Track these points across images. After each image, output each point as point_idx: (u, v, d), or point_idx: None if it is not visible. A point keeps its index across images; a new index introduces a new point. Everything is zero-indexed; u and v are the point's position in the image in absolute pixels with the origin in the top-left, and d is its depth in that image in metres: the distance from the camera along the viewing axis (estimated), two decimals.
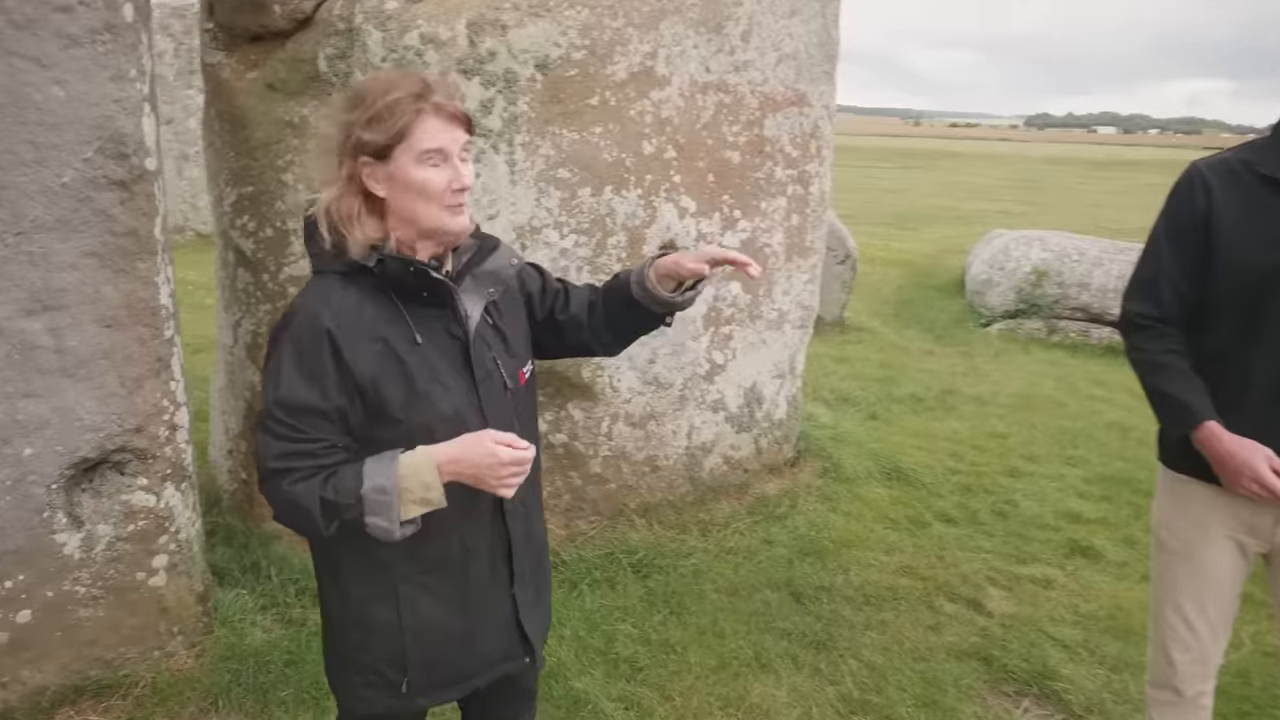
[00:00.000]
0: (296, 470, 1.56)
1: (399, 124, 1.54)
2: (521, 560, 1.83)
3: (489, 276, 1.70)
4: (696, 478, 4.34)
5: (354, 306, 1.59)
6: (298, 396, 1.55)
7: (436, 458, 1.56)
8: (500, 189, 3.40)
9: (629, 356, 3.92)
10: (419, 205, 1.58)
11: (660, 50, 3.64)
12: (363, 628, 1.75)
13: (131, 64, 2.56)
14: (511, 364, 1.77)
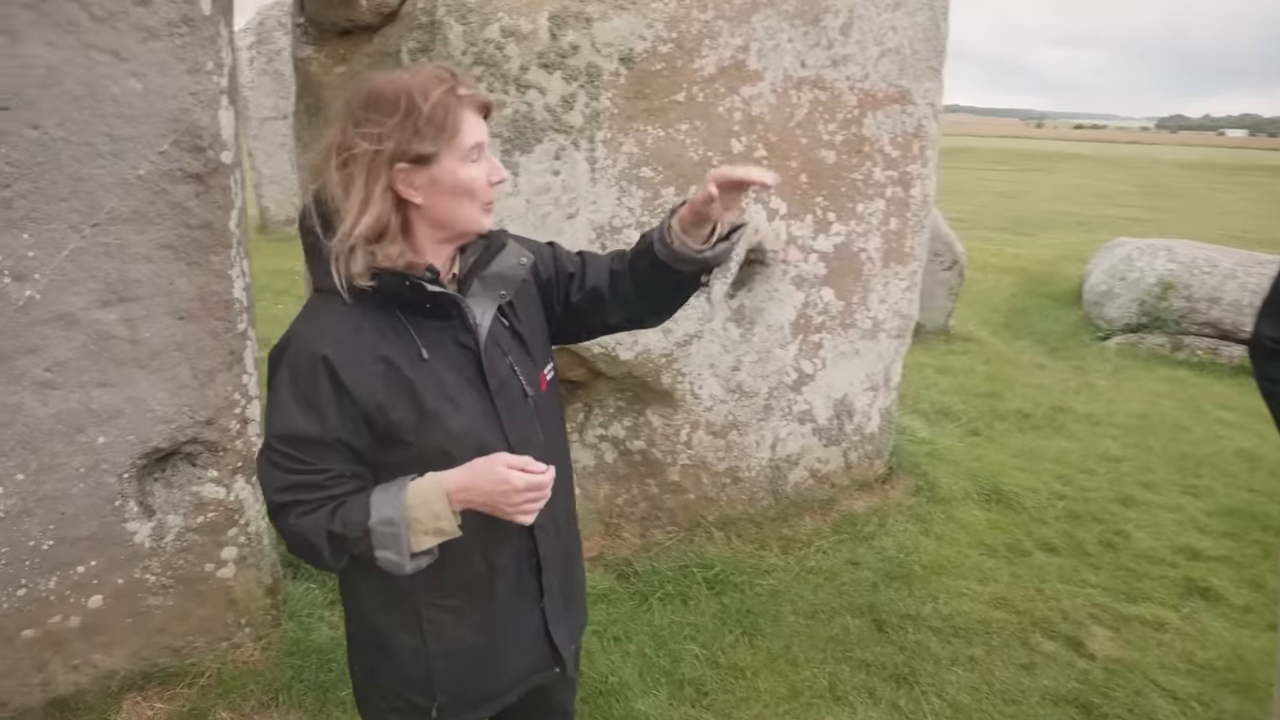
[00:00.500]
0: (303, 503, 1.47)
1: (452, 124, 1.42)
2: (551, 574, 1.72)
3: (497, 279, 1.57)
4: (780, 491, 4.16)
5: (353, 328, 1.46)
6: (297, 428, 1.45)
7: (446, 485, 1.45)
8: (580, 187, 3.30)
9: (711, 363, 3.77)
10: (460, 208, 1.47)
11: (752, 44, 3.47)
12: (387, 654, 1.67)
13: (209, 57, 2.55)
14: (531, 369, 1.64)
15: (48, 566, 2.64)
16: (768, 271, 3.85)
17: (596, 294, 1.72)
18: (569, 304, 1.73)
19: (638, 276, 1.69)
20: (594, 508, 3.92)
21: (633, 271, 1.70)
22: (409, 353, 1.49)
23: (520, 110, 3.13)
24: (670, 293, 1.71)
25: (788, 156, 3.70)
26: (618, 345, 3.55)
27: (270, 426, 1.48)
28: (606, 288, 1.71)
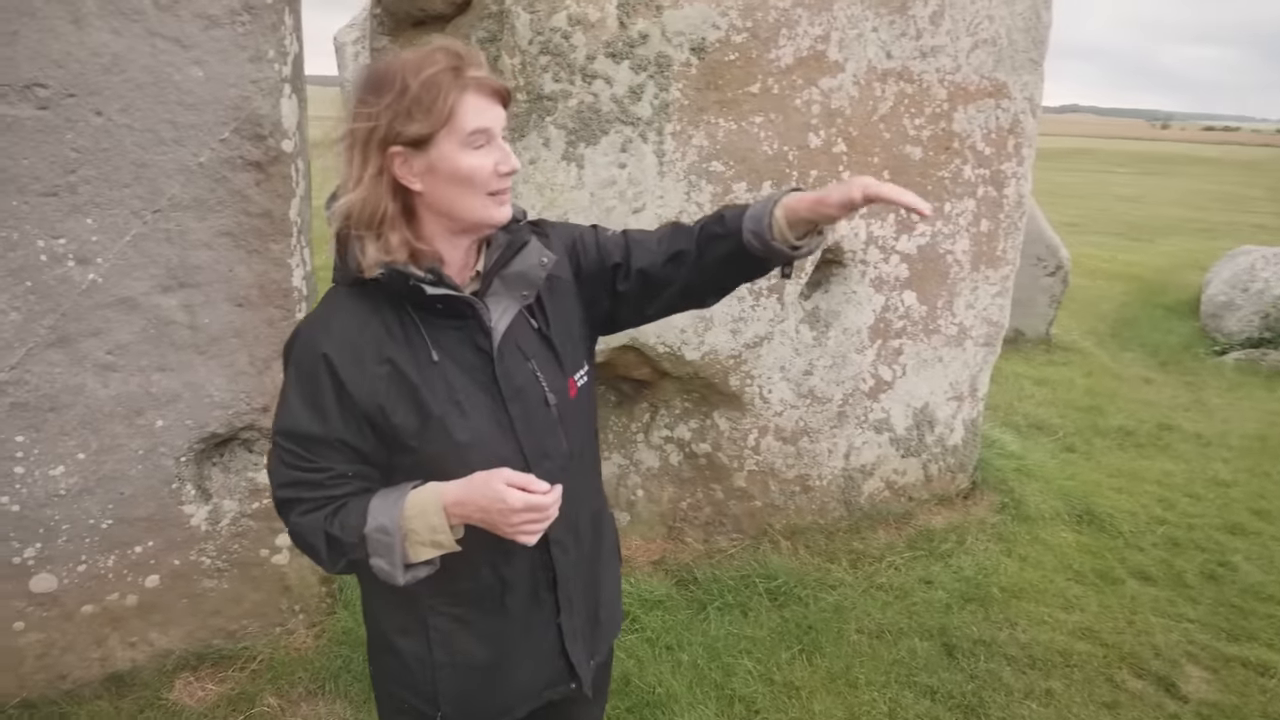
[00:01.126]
0: (305, 501, 1.42)
1: (443, 105, 1.32)
2: (569, 588, 1.62)
3: (519, 279, 1.47)
4: (852, 502, 3.98)
5: (358, 326, 1.39)
6: (300, 425, 1.39)
7: (445, 499, 1.37)
8: (647, 181, 3.20)
9: (781, 366, 3.62)
10: (462, 197, 1.37)
11: (833, 33, 3.31)
12: (394, 658, 1.61)
13: (271, 45, 2.55)
14: (557, 375, 1.53)
15: (107, 545, 2.69)
16: (845, 272, 3.68)
17: (645, 278, 1.58)
18: (616, 293, 1.60)
19: (707, 260, 1.55)
20: (657, 510, 3.82)
21: (701, 254, 1.55)
22: (418, 354, 1.41)
23: (586, 101, 3.05)
24: (738, 278, 1.59)
25: (869, 152, 3.52)
26: (683, 345, 3.44)
27: (276, 421, 1.44)
28: (659, 270, 1.57)
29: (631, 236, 1.63)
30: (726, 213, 1.54)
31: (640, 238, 1.63)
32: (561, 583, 1.60)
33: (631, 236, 1.63)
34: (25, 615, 2.63)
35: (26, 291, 2.41)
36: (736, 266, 1.54)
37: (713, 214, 1.58)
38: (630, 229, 1.65)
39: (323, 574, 3.11)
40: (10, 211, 2.34)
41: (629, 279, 1.59)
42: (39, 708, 2.69)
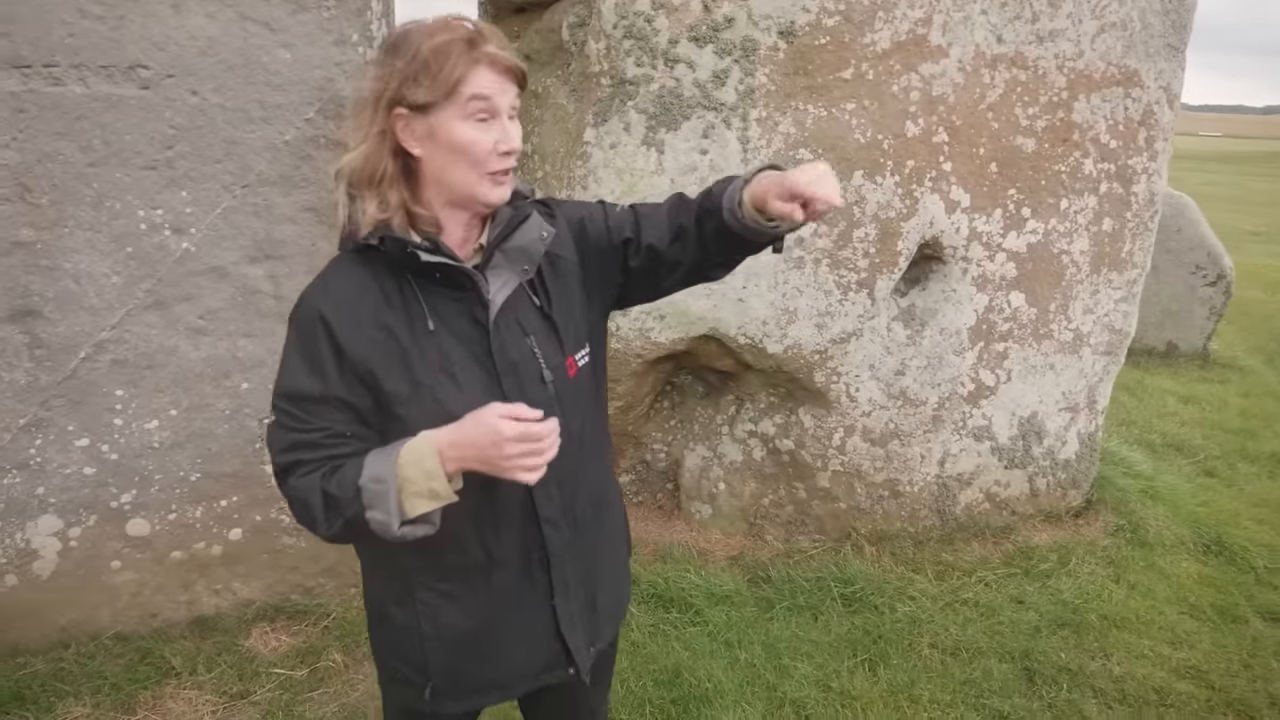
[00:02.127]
0: (304, 464, 1.42)
1: (450, 73, 1.33)
2: (564, 570, 1.60)
3: (519, 253, 1.46)
4: (946, 511, 3.79)
5: (357, 291, 1.41)
6: (300, 386, 1.41)
7: (438, 443, 1.35)
8: (730, 167, 3.14)
9: (871, 365, 3.48)
10: (457, 169, 1.37)
11: (936, 16, 3.14)
12: (387, 628, 1.64)
13: (355, 29, 2.66)
14: (556, 352, 1.51)
15: (195, 496, 2.89)
16: (945, 269, 3.49)
17: (654, 254, 1.57)
18: (629, 269, 1.60)
19: (705, 237, 1.54)
20: (738, 505, 3.76)
21: (700, 230, 1.54)
22: (414, 322, 1.42)
23: (667, 86, 3.03)
24: (736, 253, 1.57)
25: (974, 143, 3.33)
26: (765, 337, 3.36)
27: (276, 385, 1.46)
28: (667, 248, 1.56)
29: (640, 211, 1.61)
30: (715, 187, 1.52)
31: (648, 212, 1.60)
32: (555, 564, 1.57)
33: (640, 211, 1.61)
34: (122, 555, 2.85)
35: (127, 257, 2.61)
36: (729, 243, 1.51)
37: (709, 186, 1.55)
38: (639, 203, 1.62)
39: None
40: (114, 183, 2.55)
41: (639, 254, 1.57)
42: (130, 641, 2.92)
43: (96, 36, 2.42)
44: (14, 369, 2.59)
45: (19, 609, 2.79)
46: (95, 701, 2.72)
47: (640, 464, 3.99)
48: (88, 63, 2.43)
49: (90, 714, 2.68)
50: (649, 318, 3.30)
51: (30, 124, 2.43)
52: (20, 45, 2.37)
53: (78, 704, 2.70)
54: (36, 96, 2.41)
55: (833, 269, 3.31)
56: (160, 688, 2.80)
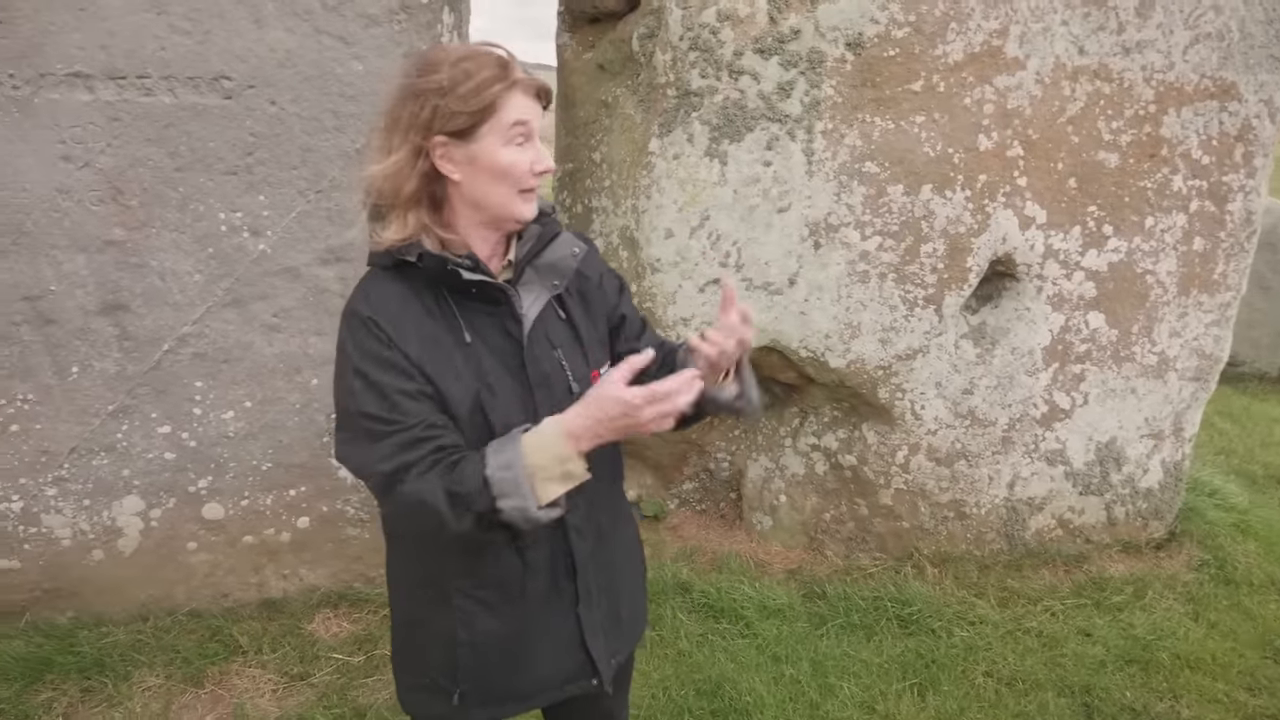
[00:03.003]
0: (412, 465, 1.38)
1: (488, 97, 1.37)
2: (588, 578, 1.64)
3: (550, 269, 1.51)
4: (1015, 536, 3.67)
5: (399, 303, 1.44)
6: (382, 384, 1.40)
7: (567, 427, 1.36)
8: (794, 180, 3.13)
9: (937, 382, 3.41)
10: (496, 189, 1.42)
11: (1013, 27, 3.06)
12: (419, 633, 1.69)
13: (425, 41, 2.76)
14: (582, 365, 1.56)
15: (266, 485, 3.04)
16: (1018, 287, 3.39)
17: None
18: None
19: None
20: (799, 519, 3.73)
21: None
22: (455, 334, 1.46)
23: (731, 97, 3.03)
24: (700, 415, 1.70)
25: (1052, 157, 3.22)
26: (827, 351, 3.33)
27: (346, 406, 1.43)
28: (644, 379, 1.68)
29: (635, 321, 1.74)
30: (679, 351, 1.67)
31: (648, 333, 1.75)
32: (580, 571, 1.61)
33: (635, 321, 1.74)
34: (197, 537, 3.03)
35: (208, 257, 2.77)
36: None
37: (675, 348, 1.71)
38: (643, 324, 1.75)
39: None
40: (198, 187, 2.71)
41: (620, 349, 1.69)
42: (202, 618, 3.09)
43: (184, 50, 2.58)
44: (104, 359, 2.78)
45: (104, 582, 2.99)
46: (168, 673, 2.89)
47: (704, 472, 4.00)
48: (176, 74, 2.59)
49: (162, 685, 2.85)
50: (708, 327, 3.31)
51: (124, 131, 2.60)
52: (116, 58, 2.54)
53: (151, 674, 2.87)
54: (130, 106, 2.59)
55: (898, 284, 3.25)
56: (227, 664, 2.95)
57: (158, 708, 2.77)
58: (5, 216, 2.58)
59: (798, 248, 3.20)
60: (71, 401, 2.78)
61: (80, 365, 2.76)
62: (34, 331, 2.70)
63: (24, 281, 2.65)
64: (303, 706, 2.80)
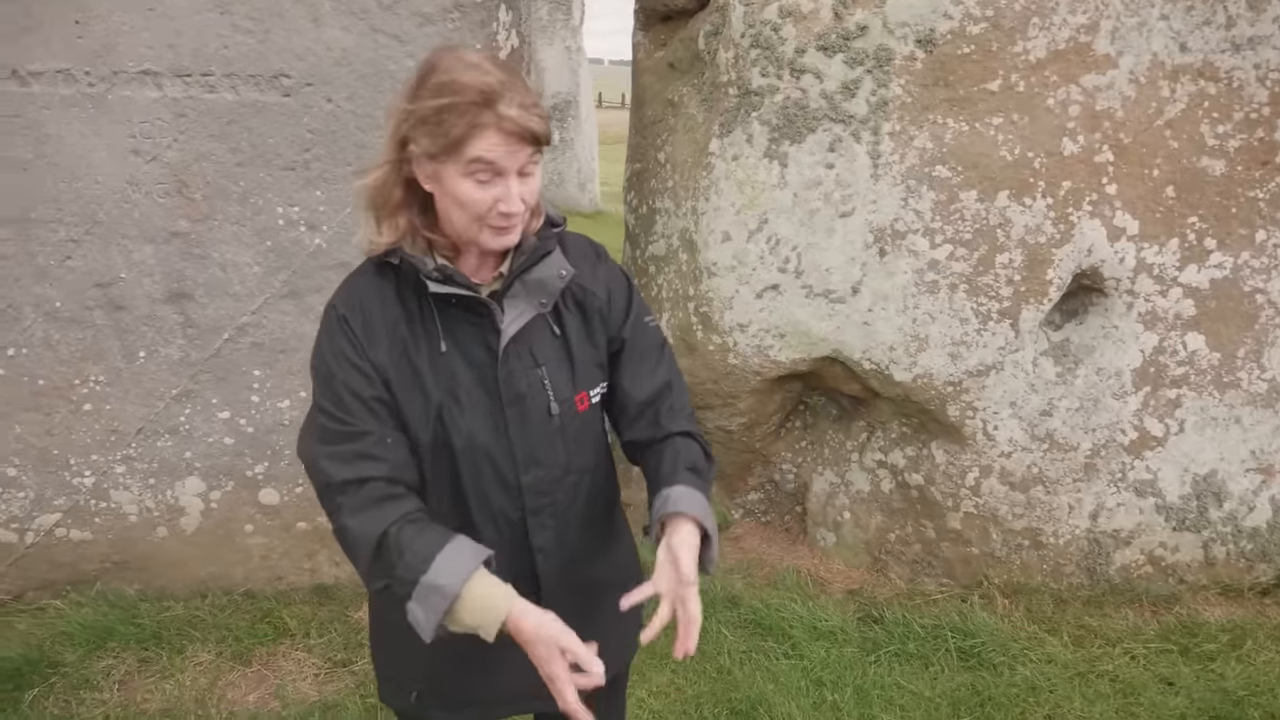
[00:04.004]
0: (354, 484, 1.38)
1: (451, 134, 1.30)
2: (557, 599, 1.58)
3: (538, 286, 1.46)
4: (1097, 571, 3.41)
5: (380, 303, 1.43)
6: (346, 386, 1.41)
7: (516, 623, 1.34)
8: (858, 183, 2.98)
9: (1012, 402, 3.20)
10: (458, 215, 1.37)
11: (1103, 22, 2.83)
12: (386, 627, 1.69)
13: (479, 40, 2.76)
14: (567, 386, 1.50)
15: None
16: (1106, 303, 3.14)
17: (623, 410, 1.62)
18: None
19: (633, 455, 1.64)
20: (863, 538, 3.57)
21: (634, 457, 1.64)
22: (430, 341, 1.44)
23: (792, 97, 2.92)
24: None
25: (1146, 163, 2.97)
26: (892, 364, 3.17)
27: (317, 391, 1.45)
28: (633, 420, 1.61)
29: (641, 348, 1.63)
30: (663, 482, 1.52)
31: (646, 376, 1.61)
32: (546, 592, 1.57)
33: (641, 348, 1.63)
34: (254, 520, 3.13)
35: (267, 250, 2.86)
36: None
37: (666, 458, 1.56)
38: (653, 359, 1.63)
39: None
40: (258, 182, 2.79)
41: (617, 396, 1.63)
42: (256, 599, 3.19)
43: (246, 48, 2.66)
44: (169, 345, 2.90)
45: (167, 558, 3.13)
46: (218, 650, 2.99)
47: (769, 483, 3.89)
48: (238, 72, 2.68)
49: (213, 661, 2.96)
50: (768, 335, 3.20)
51: (189, 127, 2.71)
52: (183, 56, 2.65)
53: (204, 650, 2.99)
54: (195, 102, 2.69)
55: (970, 296, 3.06)
56: (275, 645, 3.04)
57: (205, 683, 2.87)
58: (80, 207, 2.73)
59: (861, 254, 3.06)
60: (139, 384, 2.92)
61: (147, 350, 2.89)
62: (105, 317, 2.84)
63: (97, 269, 2.79)
64: (340, 693, 2.85)
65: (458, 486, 1.48)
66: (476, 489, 1.48)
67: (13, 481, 2.94)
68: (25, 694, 2.75)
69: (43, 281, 2.78)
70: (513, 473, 1.49)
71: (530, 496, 1.51)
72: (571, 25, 9.87)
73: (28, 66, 2.58)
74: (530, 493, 1.50)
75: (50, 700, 2.76)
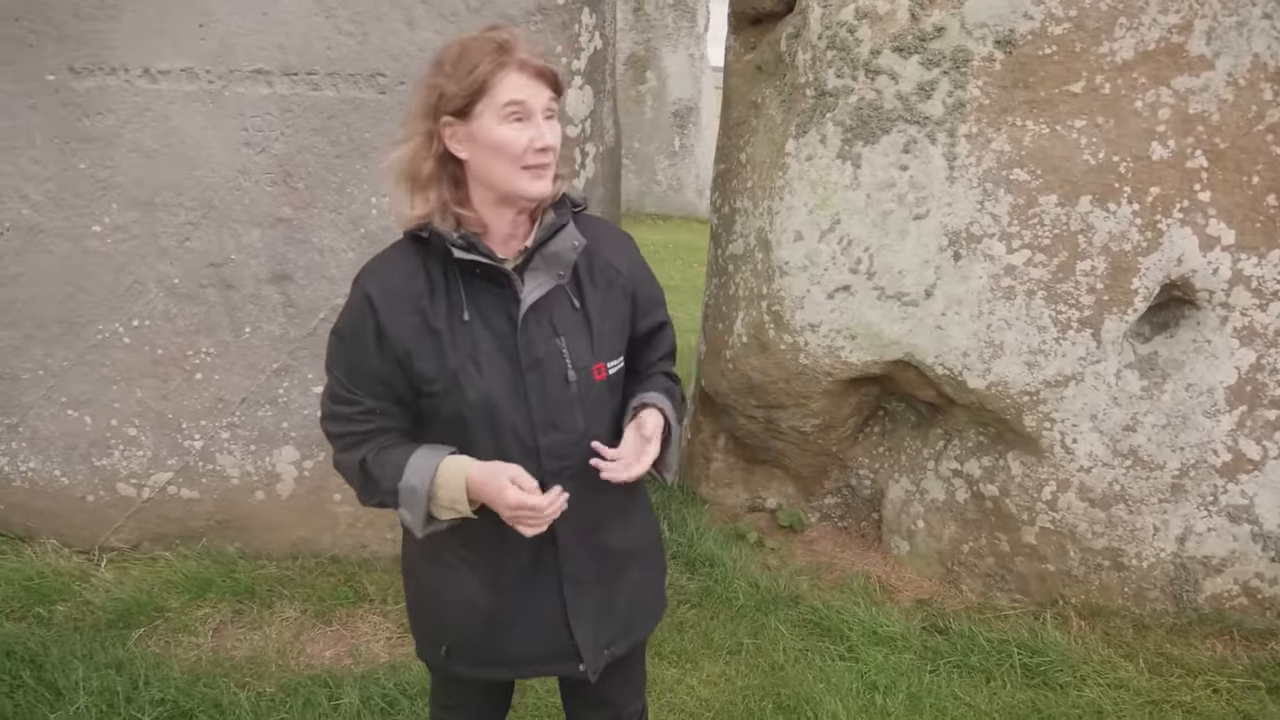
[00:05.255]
0: (343, 436, 1.61)
1: (478, 76, 1.45)
2: (574, 564, 1.68)
3: (554, 258, 1.56)
4: (1184, 598, 3.25)
5: (406, 275, 1.55)
6: (349, 359, 1.58)
7: (471, 476, 1.52)
8: (933, 185, 2.96)
9: (1093, 415, 3.09)
10: (497, 166, 1.49)
11: (1198, 21, 2.72)
12: (416, 583, 1.81)
13: (560, 42, 2.89)
14: (586, 355, 1.60)
15: None
16: (1198, 316, 3.00)
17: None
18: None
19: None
20: (935, 548, 3.52)
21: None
22: (452, 310, 1.55)
23: (867, 98, 2.92)
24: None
25: (1246, 170, 2.83)
26: (965, 370, 3.12)
27: (328, 356, 1.64)
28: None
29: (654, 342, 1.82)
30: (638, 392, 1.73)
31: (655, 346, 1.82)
32: (564, 556, 1.66)
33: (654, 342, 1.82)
34: (342, 490, 3.34)
35: (360, 237, 3.07)
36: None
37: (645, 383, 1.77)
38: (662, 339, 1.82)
39: None
40: (354, 173, 3.00)
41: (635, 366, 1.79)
42: (341, 564, 3.41)
43: (347, 49, 2.88)
44: (271, 322, 3.15)
45: (265, 521, 3.38)
46: (303, 608, 3.22)
47: (845, 488, 3.87)
48: (340, 71, 2.90)
49: (298, 617, 3.18)
50: (839, 336, 3.21)
51: (295, 121, 2.95)
52: (291, 56, 2.88)
53: (290, 607, 3.22)
54: (300, 99, 2.92)
55: (1049, 303, 2.99)
56: (354, 608, 3.25)
57: (289, 636, 3.09)
58: (199, 193, 3.00)
59: (935, 258, 3.03)
60: (244, 357, 3.18)
61: (252, 326, 3.15)
62: (217, 294, 3.12)
63: (211, 250, 3.06)
64: (409, 657, 3.02)
65: (479, 449, 1.58)
66: (498, 452, 1.58)
67: (133, 441, 3.25)
68: (132, 632, 3.04)
69: (164, 260, 3.07)
70: (531, 436, 1.58)
71: (548, 459, 1.60)
72: (695, 33, 9.99)
73: (157, 65, 2.87)
74: (548, 455, 1.59)
75: (153, 640, 3.04)
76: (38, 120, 2.94)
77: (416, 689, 2.80)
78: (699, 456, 4.07)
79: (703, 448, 4.01)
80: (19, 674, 2.76)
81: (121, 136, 2.94)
